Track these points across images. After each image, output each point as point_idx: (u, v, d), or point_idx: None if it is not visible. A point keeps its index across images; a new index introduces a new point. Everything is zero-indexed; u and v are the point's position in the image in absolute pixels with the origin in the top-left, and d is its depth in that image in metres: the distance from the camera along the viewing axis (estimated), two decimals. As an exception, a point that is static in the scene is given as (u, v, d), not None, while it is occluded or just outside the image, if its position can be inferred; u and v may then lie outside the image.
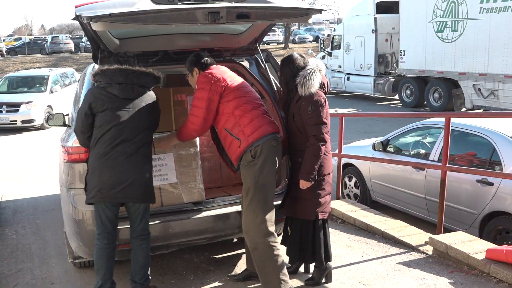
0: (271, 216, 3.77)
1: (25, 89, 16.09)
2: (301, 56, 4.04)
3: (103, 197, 3.64)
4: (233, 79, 3.94)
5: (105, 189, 3.62)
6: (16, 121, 14.54)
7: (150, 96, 3.86)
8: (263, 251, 3.72)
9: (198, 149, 4.22)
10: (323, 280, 4.18)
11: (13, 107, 14.57)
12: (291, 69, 3.96)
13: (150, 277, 3.99)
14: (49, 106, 15.27)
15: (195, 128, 3.88)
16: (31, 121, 14.54)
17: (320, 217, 3.98)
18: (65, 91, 16.36)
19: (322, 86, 3.95)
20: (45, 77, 16.45)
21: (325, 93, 4.00)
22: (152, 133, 3.88)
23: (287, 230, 4.16)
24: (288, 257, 4.20)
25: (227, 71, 4.00)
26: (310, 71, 3.87)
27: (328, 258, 4.13)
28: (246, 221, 3.77)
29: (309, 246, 4.05)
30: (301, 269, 4.42)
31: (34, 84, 16.27)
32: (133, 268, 3.92)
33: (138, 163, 3.69)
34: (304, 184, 3.84)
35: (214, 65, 3.98)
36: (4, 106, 14.60)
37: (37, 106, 14.80)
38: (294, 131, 3.96)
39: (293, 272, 4.32)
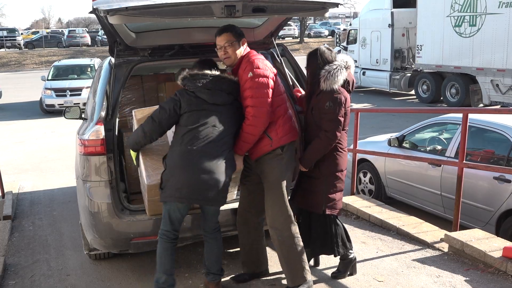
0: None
1: (75, 76, 17.52)
2: (329, 49, 3.98)
3: (181, 197, 3.57)
4: (274, 72, 3.86)
5: (184, 189, 3.54)
6: (79, 103, 15.39)
7: (237, 102, 3.77)
8: (290, 243, 3.78)
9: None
10: (348, 272, 4.23)
11: (76, 91, 16.25)
12: (317, 61, 3.90)
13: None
14: None
15: (264, 122, 3.67)
16: None
17: (327, 212, 3.99)
18: None
19: (346, 84, 3.90)
20: (91, 65, 17.95)
21: (350, 92, 3.95)
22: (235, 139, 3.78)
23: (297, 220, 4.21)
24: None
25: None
26: (336, 67, 3.81)
27: (346, 249, 4.17)
28: (274, 215, 3.79)
29: (319, 238, 4.09)
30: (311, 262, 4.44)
31: (82, 71, 17.74)
32: (209, 261, 3.92)
33: (221, 166, 3.60)
34: (302, 168, 3.97)
35: None
36: (68, 91, 16.20)
37: None
38: (311, 123, 3.96)
39: None
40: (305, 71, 4.69)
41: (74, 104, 15.29)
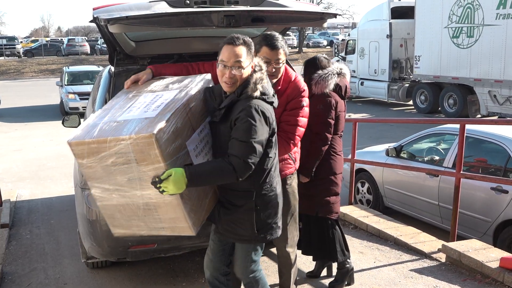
0: None
1: (89, 81, 18.08)
2: (326, 58, 4.10)
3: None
4: None
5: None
6: None
7: None
8: (296, 258, 3.83)
9: None
10: (346, 282, 4.23)
11: None
12: (314, 69, 4.01)
13: None
14: None
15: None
16: None
17: (320, 214, 4.04)
18: None
19: (338, 89, 4.01)
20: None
21: (343, 98, 4.04)
22: None
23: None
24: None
25: None
26: (328, 73, 3.94)
27: (345, 256, 4.16)
28: (292, 235, 3.74)
29: (318, 243, 4.12)
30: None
31: (93, 77, 18.06)
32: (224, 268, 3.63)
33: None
34: (302, 179, 3.95)
35: None
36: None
37: None
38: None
39: (315, 276, 4.39)
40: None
41: None
